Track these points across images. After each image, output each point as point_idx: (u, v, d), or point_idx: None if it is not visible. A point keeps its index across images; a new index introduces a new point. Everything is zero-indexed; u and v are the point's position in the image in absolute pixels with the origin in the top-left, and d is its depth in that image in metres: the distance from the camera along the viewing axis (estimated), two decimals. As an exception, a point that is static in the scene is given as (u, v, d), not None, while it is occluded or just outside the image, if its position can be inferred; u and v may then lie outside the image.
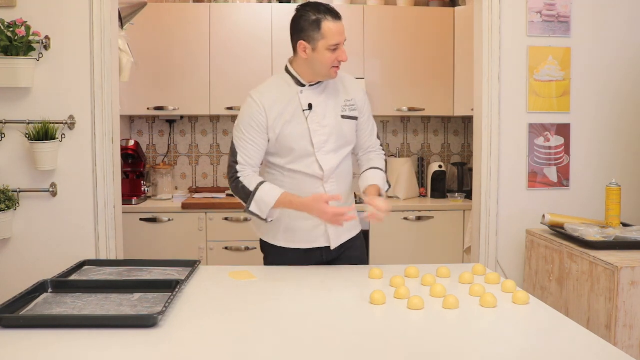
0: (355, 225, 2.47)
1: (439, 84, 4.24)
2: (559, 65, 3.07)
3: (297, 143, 2.26)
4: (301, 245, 2.37)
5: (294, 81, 2.30)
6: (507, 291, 1.95)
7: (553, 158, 3.11)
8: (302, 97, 2.28)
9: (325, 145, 2.28)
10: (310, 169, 2.28)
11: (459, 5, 4.31)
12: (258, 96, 2.27)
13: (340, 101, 2.33)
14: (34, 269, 2.74)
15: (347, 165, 2.40)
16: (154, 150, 4.48)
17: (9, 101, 2.81)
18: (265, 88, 2.33)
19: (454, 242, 4.05)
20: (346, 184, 2.40)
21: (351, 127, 2.35)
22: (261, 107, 2.25)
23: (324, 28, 2.18)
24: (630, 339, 2.31)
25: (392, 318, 1.75)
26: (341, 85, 2.37)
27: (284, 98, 2.28)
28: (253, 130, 2.25)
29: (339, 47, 2.21)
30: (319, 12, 2.19)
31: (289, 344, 1.54)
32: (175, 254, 3.78)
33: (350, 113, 2.34)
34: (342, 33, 2.20)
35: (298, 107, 2.27)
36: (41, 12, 2.79)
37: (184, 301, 1.86)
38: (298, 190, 2.27)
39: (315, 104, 2.28)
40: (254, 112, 2.26)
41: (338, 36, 2.19)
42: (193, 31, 4.08)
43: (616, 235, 2.56)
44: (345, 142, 2.35)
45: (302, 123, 2.26)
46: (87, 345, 1.51)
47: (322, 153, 2.28)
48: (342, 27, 2.20)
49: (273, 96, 2.27)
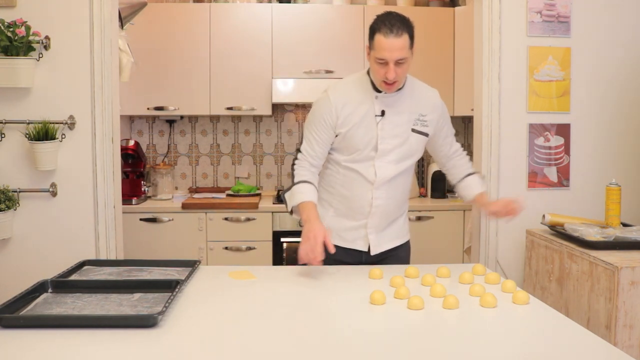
0: (402, 234, 2.48)
1: (439, 84, 4.19)
2: (559, 65, 3.07)
3: (363, 146, 2.27)
4: (339, 243, 2.35)
5: (372, 85, 2.28)
6: (507, 291, 1.95)
7: (553, 158, 3.11)
8: (376, 103, 2.26)
9: (389, 154, 2.28)
10: (365, 172, 2.29)
11: (459, 5, 4.31)
12: (333, 93, 2.29)
13: (414, 115, 2.31)
14: (34, 269, 2.74)
15: (405, 178, 2.39)
16: (154, 150, 4.48)
17: (9, 101, 2.81)
18: (342, 86, 2.33)
19: (454, 242, 4.05)
20: (397, 196, 2.37)
21: (419, 141, 2.33)
22: (333, 105, 2.26)
23: (375, 39, 2.15)
24: (630, 339, 2.31)
25: (392, 318, 1.75)
26: (419, 98, 2.34)
27: (358, 99, 2.27)
28: (321, 126, 2.28)
29: (387, 63, 2.13)
30: (379, 22, 2.15)
31: (289, 344, 1.54)
32: (175, 254, 3.78)
33: (422, 128, 2.32)
34: (392, 50, 2.10)
35: (371, 111, 2.26)
36: (41, 12, 2.79)
37: (184, 301, 1.85)
38: (349, 188, 2.33)
39: (389, 112, 2.27)
40: (325, 109, 2.28)
41: (384, 52, 2.11)
42: (193, 31, 4.08)
43: (616, 235, 2.56)
44: (410, 155, 2.33)
45: (372, 128, 2.26)
46: (87, 345, 1.51)
47: (382, 161, 2.28)
48: (394, 44, 2.10)
49: (348, 95, 2.28)
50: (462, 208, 4.05)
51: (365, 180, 2.30)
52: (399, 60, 2.13)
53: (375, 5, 4.27)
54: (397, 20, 2.14)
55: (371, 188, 2.30)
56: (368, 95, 2.28)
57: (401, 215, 2.46)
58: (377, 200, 2.31)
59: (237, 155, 4.52)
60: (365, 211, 2.33)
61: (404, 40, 2.12)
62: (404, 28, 2.13)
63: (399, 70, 2.15)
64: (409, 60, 2.19)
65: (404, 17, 2.18)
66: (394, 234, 2.43)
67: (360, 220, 2.35)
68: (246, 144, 4.53)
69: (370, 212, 2.33)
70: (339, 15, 4.11)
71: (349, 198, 2.34)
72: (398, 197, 2.38)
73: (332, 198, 2.38)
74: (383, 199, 2.32)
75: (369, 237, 2.36)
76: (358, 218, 2.35)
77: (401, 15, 2.18)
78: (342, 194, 2.35)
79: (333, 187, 2.37)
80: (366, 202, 2.32)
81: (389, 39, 2.10)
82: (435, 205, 4.10)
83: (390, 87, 2.21)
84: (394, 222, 2.42)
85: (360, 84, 2.30)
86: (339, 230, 2.37)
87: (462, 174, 2.47)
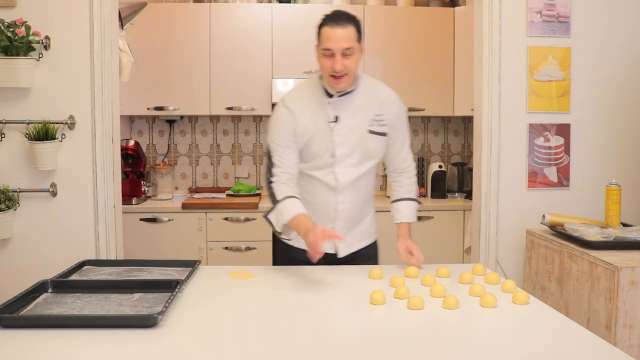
0: (369, 234, 2.47)
1: (439, 84, 4.24)
2: (559, 65, 3.07)
3: (321, 153, 2.25)
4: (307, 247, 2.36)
5: (324, 90, 2.26)
6: (507, 291, 1.95)
7: (553, 158, 3.11)
8: (329, 108, 2.24)
9: (347, 158, 2.27)
10: (326, 178, 2.28)
11: (459, 5, 4.31)
12: (289, 103, 2.26)
13: (369, 115, 2.27)
14: (34, 269, 2.74)
15: (368, 178, 2.37)
16: (154, 150, 4.48)
17: (9, 101, 2.81)
18: (296, 95, 2.30)
19: (454, 242, 4.05)
20: (361, 197, 2.37)
21: (378, 142, 2.30)
22: (291, 115, 2.24)
23: (321, 32, 2.15)
24: (630, 339, 2.31)
25: (392, 318, 1.75)
26: (374, 98, 2.30)
27: (312, 106, 2.25)
28: (286, 134, 2.24)
29: (335, 55, 2.12)
30: (325, 17, 2.16)
31: (289, 344, 1.54)
32: (175, 254, 3.78)
33: (379, 128, 2.29)
34: (338, 40, 2.10)
35: (325, 118, 2.24)
36: (41, 12, 2.79)
37: (184, 301, 1.85)
38: (312, 195, 2.30)
39: (342, 117, 2.24)
40: (286, 118, 2.24)
41: (330, 42, 2.11)
42: (193, 31, 4.08)
43: (616, 235, 2.56)
44: (369, 157, 2.31)
45: (327, 134, 2.24)
46: (87, 345, 1.51)
47: (341, 166, 2.26)
48: (339, 34, 2.10)
49: (303, 104, 2.25)
50: (462, 208, 4.05)
51: (327, 186, 2.28)
52: (346, 51, 2.11)
53: (376, 5, 4.28)
54: (343, 14, 2.15)
55: (334, 194, 2.29)
56: (321, 101, 2.25)
57: (367, 215, 2.44)
58: (341, 205, 2.30)
59: (237, 155, 4.52)
60: (331, 216, 2.32)
61: (349, 31, 2.12)
62: (349, 20, 2.14)
63: (346, 62, 2.12)
64: (356, 54, 2.16)
65: (350, 13, 2.17)
66: (361, 235, 2.42)
67: (326, 224, 2.31)
68: (246, 144, 4.53)
69: (335, 216, 2.32)
70: (339, 15, 4.11)
71: (314, 204, 2.31)
72: (362, 199, 2.37)
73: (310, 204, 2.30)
74: (348, 203, 2.31)
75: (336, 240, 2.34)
76: (324, 222, 2.31)
77: (348, 12, 2.18)
78: (306, 200, 2.29)
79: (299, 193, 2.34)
80: (331, 208, 2.31)
81: (334, 29, 2.11)
82: (435, 205, 4.10)
83: (339, 81, 2.16)
84: (360, 223, 2.41)
85: (312, 91, 2.28)
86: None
87: (401, 196, 2.43)
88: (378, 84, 2.36)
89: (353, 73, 2.19)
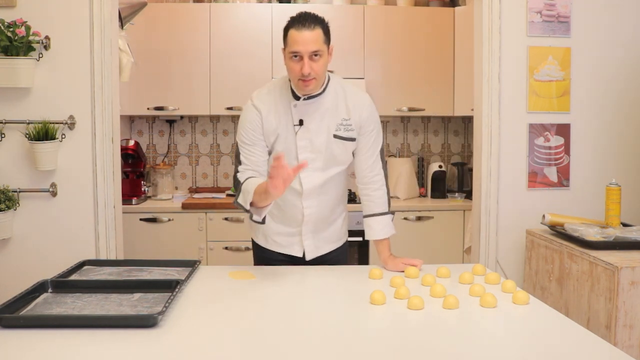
0: (339, 237, 2.45)
1: (439, 84, 4.24)
2: (559, 65, 3.07)
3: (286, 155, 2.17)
4: (277, 249, 2.38)
5: (291, 91, 2.21)
6: (507, 291, 1.95)
7: (553, 158, 3.11)
8: (294, 111, 2.19)
9: (312, 163, 2.21)
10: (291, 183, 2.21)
11: (459, 5, 4.31)
12: (257, 102, 2.22)
13: (336, 119, 2.22)
14: (34, 269, 2.74)
15: (336, 183, 2.33)
16: (154, 150, 4.48)
17: (9, 101, 2.81)
18: (265, 94, 2.25)
19: (454, 242, 4.06)
20: (330, 201, 2.34)
21: (344, 148, 2.24)
22: (258, 113, 2.20)
23: (289, 35, 2.10)
24: (630, 339, 2.31)
25: (392, 318, 1.75)
26: (343, 102, 2.23)
27: (279, 107, 2.21)
28: (252, 132, 2.21)
29: (302, 58, 2.06)
30: (291, 20, 2.11)
31: (289, 344, 1.54)
32: (175, 254, 3.78)
33: (345, 133, 2.22)
34: (306, 43, 2.05)
35: (290, 121, 2.20)
36: (41, 12, 2.79)
37: (184, 301, 1.85)
38: (280, 199, 2.25)
39: (308, 121, 2.19)
40: (252, 117, 2.21)
41: (297, 45, 2.05)
42: (193, 31, 4.08)
43: (616, 235, 2.56)
44: (335, 163, 2.27)
45: (291, 138, 2.20)
46: (87, 345, 1.51)
47: (306, 171, 2.18)
48: (307, 37, 2.05)
49: (270, 105, 2.21)
50: (462, 208, 4.05)
51: (293, 190, 2.25)
52: (314, 54, 2.07)
53: (376, 5, 4.28)
54: (309, 16, 2.10)
55: (300, 198, 2.27)
56: (287, 103, 2.20)
57: (338, 217, 2.42)
58: (308, 209, 2.28)
59: (237, 155, 4.52)
60: (298, 219, 2.31)
61: (317, 33, 2.07)
62: (316, 22, 2.09)
63: (314, 65, 2.07)
64: (325, 56, 2.11)
65: (318, 15, 2.13)
66: (331, 238, 2.41)
67: (294, 227, 2.33)
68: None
69: (302, 220, 2.31)
70: (339, 15, 4.11)
71: (282, 207, 2.31)
72: (331, 203, 2.34)
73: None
74: (314, 207, 2.29)
75: (304, 243, 2.34)
76: (292, 225, 2.33)
77: (315, 13, 2.13)
78: (276, 203, 2.26)
79: None
80: (298, 211, 2.30)
81: (301, 32, 2.05)
82: (435, 205, 4.10)
83: (307, 85, 2.11)
84: (331, 226, 2.40)
85: (280, 92, 2.23)
86: (275, 234, 2.36)
87: (372, 211, 2.33)
88: (349, 87, 2.29)
89: (321, 76, 2.14)
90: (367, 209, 2.34)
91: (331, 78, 2.25)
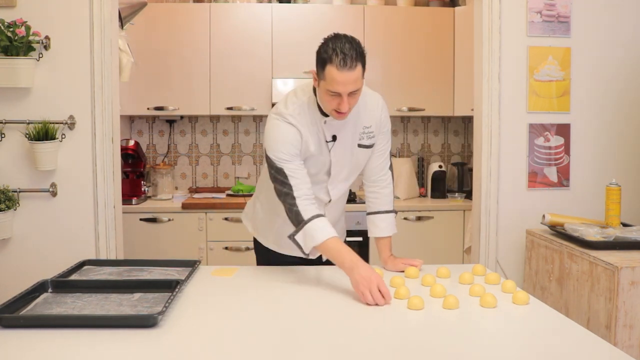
0: (342, 234, 2.47)
1: (439, 84, 4.24)
2: (559, 65, 3.07)
3: (316, 171, 2.19)
4: (287, 252, 2.37)
5: (318, 107, 2.12)
6: (507, 291, 1.95)
7: (553, 158, 3.11)
8: (325, 128, 2.13)
9: (340, 174, 2.25)
10: (319, 194, 2.23)
11: (459, 5, 4.31)
12: (292, 120, 2.10)
13: (358, 129, 2.19)
14: (34, 269, 2.74)
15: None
16: (154, 150, 4.48)
17: (9, 101, 2.81)
18: (296, 111, 2.12)
19: (454, 242, 4.06)
20: (341, 203, 2.41)
21: (366, 155, 2.26)
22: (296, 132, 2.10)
23: (327, 71, 1.95)
24: (630, 339, 2.31)
25: (392, 318, 1.75)
26: (363, 109, 2.18)
27: (311, 126, 2.13)
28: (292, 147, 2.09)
29: (341, 96, 1.97)
30: (330, 51, 1.94)
31: (289, 344, 1.54)
32: (175, 254, 3.78)
33: (367, 141, 2.22)
34: (346, 84, 1.93)
35: (322, 137, 2.14)
36: (41, 12, 2.79)
37: (184, 301, 1.86)
38: None
39: (340, 135, 2.16)
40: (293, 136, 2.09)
41: (338, 86, 1.94)
42: (193, 31, 4.08)
43: (616, 235, 2.56)
44: (357, 170, 2.30)
45: (325, 154, 2.18)
46: (87, 345, 1.51)
47: (334, 182, 2.24)
48: (348, 78, 1.93)
49: (303, 122, 2.11)
50: (462, 208, 4.05)
51: (320, 201, 2.25)
52: (352, 92, 1.98)
53: (376, 5, 4.28)
54: (350, 49, 1.93)
55: (325, 207, 2.29)
56: (317, 119, 2.13)
57: (342, 216, 2.46)
58: (328, 216, 2.25)
59: (237, 155, 4.52)
60: None
61: (357, 72, 1.95)
62: (357, 58, 1.94)
63: (352, 100, 2.00)
64: (361, 89, 2.03)
65: (357, 43, 1.98)
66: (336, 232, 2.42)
67: None
68: (246, 144, 4.53)
69: None
70: (339, 15, 4.11)
71: None
72: (341, 206, 2.40)
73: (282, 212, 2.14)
74: (333, 213, 2.33)
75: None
76: None
77: (353, 40, 1.98)
78: None
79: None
80: None
81: (342, 73, 1.92)
82: (435, 205, 4.10)
83: (342, 117, 2.05)
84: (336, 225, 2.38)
85: (308, 107, 2.13)
86: (280, 238, 2.31)
87: (378, 209, 2.33)
88: (365, 92, 2.21)
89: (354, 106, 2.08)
90: (373, 206, 2.36)
91: None
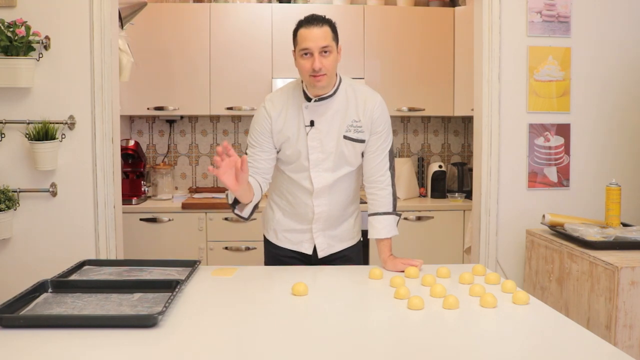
0: (352, 236, 2.46)
1: (439, 84, 4.24)
2: (559, 65, 3.08)
3: (295, 157, 2.26)
4: (287, 246, 2.41)
5: (303, 93, 2.25)
6: (507, 291, 1.95)
7: (553, 158, 3.11)
8: (305, 113, 2.23)
9: (322, 163, 2.26)
10: (303, 182, 2.30)
11: (459, 5, 4.31)
12: (268, 105, 2.28)
13: (347, 121, 2.24)
14: (34, 269, 2.74)
15: (347, 183, 2.35)
16: (154, 150, 4.48)
17: (9, 101, 2.81)
18: (277, 96, 2.30)
19: (454, 242, 4.06)
20: (341, 201, 2.37)
21: (353, 149, 2.27)
22: (268, 115, 2.26)
23: (298, 34, 2.16)
24: (630, 339, 2.31)
25: (392, 318, 1.75)
26: (354, 104, 2.26)
27: (291, 109, 2.26)
28: (260, 135, 2.28)
29: (313, 54, 2.12)
30: (300, 21, 2.18)
31: (289, 344, 1.54)
32: (175, 254, 3.78)
33: (355, 135, 2.25)
34: (315, 40, 2.11)
35: (301, 122, 2.24)
36: (41, 12, 2.79)
37: (184, 301, 1.85)
38: (293, 195, 2.35)
39: (318, 121, 2.23)
40: (261, 119, 2.27)
41: (307, 42, 2.11)
42: (193, 31, 4.08)
43: (616, 235, 2.56)
44: (345, 163, 2.29)
45: (303, 139, 2.24)
46: (87, 345, 1.51)
47: (316, 170, 2.26)
48: (316, 34, 2.11)
49: (282, 107, 2.26)
50: (462, 208, 4.05)
51: (304, 189, 2.31)
52: (324, 50, 2.12)
53: (375, 5, 4.27)
54: (317, 15, 2.17)
55: (310, 197, 2.31)
56: (299, 105, 2.25)
57: (350, 217, 2.44)
58: (318, 208, 2.32)
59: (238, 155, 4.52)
60: (309, 217, 2.35)
61: (325, 30, 2.13)
62: (324, 21, 2.16)
63: (324, 61, 2.12)
64: (334, 53, 2.16)
65: (325, 16, 2.20)
66: (343, 237, 2.42)
67: (305, 224, 2.38)
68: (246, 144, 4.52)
69: (313, 218, 2.35)
70: (339, 15, 4.10)
71: (293, 204, 2.37)
72: (342, 202, 2.37)
73: (280, 201, 2.42)
74: (325, 206, 2.32)
75: (316, 241, 2.37)
76: (303, 222, 2.38)
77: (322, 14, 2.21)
78: (287, 200, 2.38)
79: (281, 191, 2.41)
80: (309, 209, 2.34)
81: (310, 29, 2.12)
82: (435, 205, 4.10)
83: (319, 80, 2.14)
84: (342, 225, 2.42)
85: (293, 94, 2.27)
86: (286, 231, 2.41)
87: (377, 210, 2.33)
88: (360, 88, 2.31)
89: (332, 72, 2.18)
90: (371, 207, 2.36)
91: (342, 80, 2.28)
